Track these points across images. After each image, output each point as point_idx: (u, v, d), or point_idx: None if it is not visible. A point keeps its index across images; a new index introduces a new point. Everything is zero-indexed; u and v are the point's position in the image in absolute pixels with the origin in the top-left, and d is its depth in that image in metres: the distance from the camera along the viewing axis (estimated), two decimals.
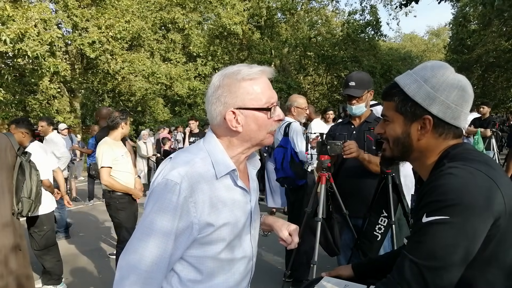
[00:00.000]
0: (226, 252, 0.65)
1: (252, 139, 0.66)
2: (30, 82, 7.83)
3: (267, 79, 0.66)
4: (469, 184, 0.54)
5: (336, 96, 15.07)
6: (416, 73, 0.63)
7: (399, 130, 0.65)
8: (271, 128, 0.67)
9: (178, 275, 0.65)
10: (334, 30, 13.78)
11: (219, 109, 0.64)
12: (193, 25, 12.12)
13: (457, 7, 13.37)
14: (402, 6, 5.93)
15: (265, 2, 12.34)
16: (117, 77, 9.79)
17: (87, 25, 8.50)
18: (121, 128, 2.18)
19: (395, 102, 0.64)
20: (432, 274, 0.54)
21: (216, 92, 0.65)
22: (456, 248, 0.53)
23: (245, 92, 0.63)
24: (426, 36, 28.43)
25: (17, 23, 5.99)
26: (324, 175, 1.53)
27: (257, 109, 0.64)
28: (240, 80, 0.64)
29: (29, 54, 6.08)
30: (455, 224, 0.53)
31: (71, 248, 3.07)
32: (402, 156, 0.67)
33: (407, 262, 0.57)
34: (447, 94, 0.60)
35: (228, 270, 0.67)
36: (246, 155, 0.69)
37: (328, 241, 1.50)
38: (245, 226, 0.69)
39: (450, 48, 15.19)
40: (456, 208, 0.53)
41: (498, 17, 10.44)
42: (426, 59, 24.17)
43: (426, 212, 0.55)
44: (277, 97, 0.67)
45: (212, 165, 0.64)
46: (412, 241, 0.58)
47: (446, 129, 0.62)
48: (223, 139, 0.67)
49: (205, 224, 0.61)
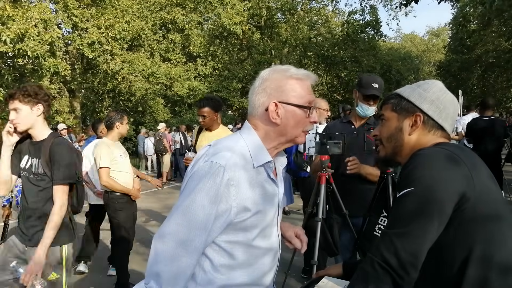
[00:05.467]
0: (257, 240, 0.68)
1: (288, 134, 0.70)
2: (30, 82, 7.82)
3: (310, 83, 0.72)
4: (432, 158, 0.61)
5: (336, 96, 15.08)
6: (411, 84, 0.75)
7: (392, 126, 0.73)
8: (306, 127, 0.71)
9: (211, 260, 0.66)
10: (334, 30, 13.80)
11: (263, 99, 0.69)
12: (193, 25, 12.13)
13: (457, 7, 13.38)
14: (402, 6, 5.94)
15: (265, 2, 12.36)
16: (117, 77, 9.79)
17: (87, 26, 8.51)
18: (117, 128, 2.18)
19: (391, 104, 0.74)
20: (400, 240, 0.59)
21: (263, 84, 0.70)
22: (419, 214, 0.58)
23: (290, 89, 0.69)
24: (426, 36, 28.46)
25: (17, 23, 5.99)
26: (324, 175, 1.53)
27: (298, 106, 0.69)
28: (288, 77, 0.69)
29: (29, 54, 6.08)
30: (417, 192, 0.59)
31: None
32: (394, 153, 0.73)
33: (381, 234, 0.64)
34: (437, 96, 0.70)
35: (258, 259, 0.69)
36: (278, 150, 0.73)
37: (327, 241, 1.50)
38: (274, 218, 0.72)
39: (450, 48, 15.21)
40: (419, 179, 0.60)
41: (498, 17, 10.45)
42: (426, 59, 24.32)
43: (398, 191, 0.64)
44: (315, 101, 0.73)
45: (250, 155, 0.67)
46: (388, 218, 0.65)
47: (434, 127, 0.70)
48: (260, 131, 0.70)
49: (242, 208, 0.64)
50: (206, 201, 0.61)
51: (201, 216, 0.61)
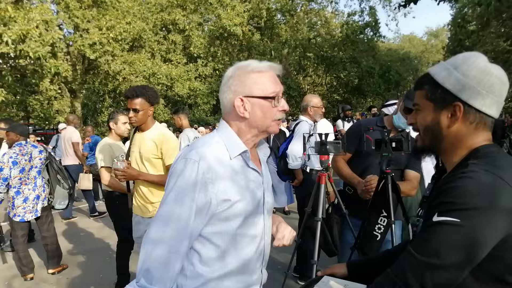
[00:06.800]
0: (242, 228, 0.69)
1: (259, 125, 0.72)
2: (31, 82, 7.84)
3: (274, 74, 0.73)
4: (486, 190, 0.53)
5: (336, 96, 15.08)
6: (447, 62, 0.63)
7: (429, 118, 0.63)
8: (275, 116, 0.72)
9: (198, 253, 0.68)
10: (333, 31, 13.79)
11: (230, 97, 0.71)
12: (194, 26, 12.15)
13: (456, 8, 13.41)
14: (401, 7, 5.95)
15: (265, 4, 12.37)
16: (118, 77, 9.80)
17: (88, 26, 8.52)
18: (112, 128, 2.22)
19: (425, 90, 0.63)
20: (431, 272, 0.54)
21: (228, 82, 0.72)
22: (460, 250, 0.53)
23: (253, 82, 0.70)
24: (424, 37, 28.50)
25: (18, 24, 6.00)
26: (323, 175, 1.54)
27: (263, 98, 0.70)
28: (250, 71, 0.71)
29: (30, 55, 6.10)
30: (464, 228, 0.52)
31: (71, 248, 3.07)
32: (432, 146, 0.65)
33: (408, 257, 0.57)
34: (477, 81, 0.58)
35: (244, 247, 0.71)
36: (254, 142, 0.75)
37: (326, 241, 1.51)
38: (259, 206, 0.73)
39: (449, 49, 15.20)
40: (468, 212, 0.52)
41: (496, 18, 10.48)
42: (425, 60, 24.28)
43: (438, 211, 0.55)
44: (282, 90, 0.73)
45: (225, 148, 0.70)
46: (419, 237, 0.58)
47: (477, 117, 0.60)
48: (233, 127, 0.73)
49: (222, 199, 0.66)
50: (185, 197, 0.63)
51: (183, 212, 0.63)
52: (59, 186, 2.43)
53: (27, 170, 2.35)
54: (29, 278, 2.45)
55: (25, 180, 2.35)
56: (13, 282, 2.47)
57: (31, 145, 2.42)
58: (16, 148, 2.33)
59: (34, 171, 2.39)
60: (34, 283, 2.44)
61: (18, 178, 2.32)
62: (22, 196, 2.34)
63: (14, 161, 2.29)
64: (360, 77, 12.83)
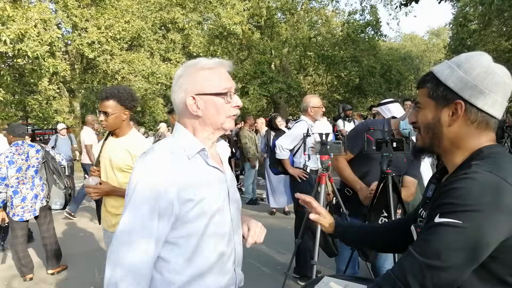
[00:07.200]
0: (209, 228, 0.68)
1: (213, 123, 0.71)
2: (30, 82, 7.83)
3: (225, 70, 0.72)
4: (488, 192, 0.52)
5: (336, 96, 15.06)
6: (451, 61, 0.62)
7: (430, 116, 0.62)
8: (229, 112, 0.72)
9: (166, 261, 0.67)
10: (334, 30, 13.77)
11: (181, 96, 0.70)
12: (193, 25, 12.12)
13: (457, 7, 13.37)
14: (402, 6, 5.93)
15: (265, 2, 12.33)
16: (116, 77, 9.78)
17: (86, 25, 8.50)
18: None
19: (428, 88, 0.62)
20: (431, 273, 0.54)
21: (178, 81, 0.71)
22: (461, 252, 0.52)
23: (204, 79, 0.69)
24: (426, 36, 28.41)
25: (17, 24, 5.98)
26: (324, 175, 1.53)
27: (215, 94, 0.69)
28: (199, 69, 0.70)
29: (29, 55, 6.08)
30: (466, 230, 0.52)
31: (71, 248, 3.07)
32: (432, 145, 0.64)
33: (410, 258, 0.56)
34: (480, 79, 0.57)
35: (213, 247, 0.69)
36: (211, 140, 0.74)
37: (326, 241, 1.50)
38: (224, 204, 0.72)
39: (450, 48, 15.18)
40: (470, 214, 0.52)
41: (498, 17, 10.44)
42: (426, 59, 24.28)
43: (439, 213, 0.55)
44: (234, 86, 0.73)
45: (182, 149, 0.69)
46: (420, 239, 0.58)
47: (479, 117, 0.59)
48: (188, 127, 0.72)
49: (184, 200, 0.65)
50: (146, 204, 0.62)
51: (146, 219, 0.62)
52: (55, 186, 2.42)
53: (24, 169, 2.36)
54: (28, 279, 2.45)
55: (23, 180, 2.35)
56: (13, 282, 2.47)
57: (28, 144, 2.43)
58: (13, 148, 2.34)
59: (31, 171, 2.39)
60: (33, 283, 2.43)
61: (15, 178, 2.32)
62: (20, 195, 2.34)
63: (11, 160, 2.29)
64: (361, 77, 12.80)
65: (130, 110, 1.42)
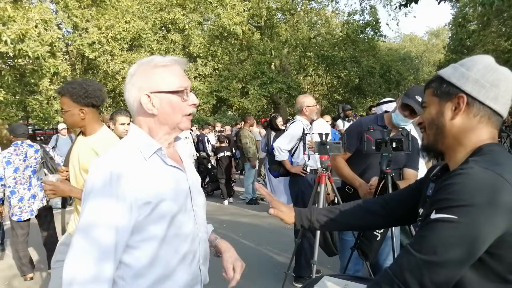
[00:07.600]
0: (171, 229, 0.66)
1: (169, 121, 0.69)
2: (30, 82, 7.84)
3: (180, 67, 0.71)
4: (483, 187, 0.52)
5: (336, 96, 15.07)
6: (456, 63, 0.65)
7: (433, 112, 0.64)
8: (186, 111, 0.70)
9: (129, 266, 0.65)
10: (334, 30, 13.79)
11: (135, 94, 0.68)
12: (193, 26, 12.13)
13: (457, 8, 13.40)
14: (402, 7, 5.94)
15: (265, 3, 12.35)
16: (117, 77, 9.80)
17: (87, 26, 8.52)
18: (111, 128, 2.24)
19: (432, 87, 0.65)
20: (429, 269, 0.54)
21: (131, 79, 0.69)
22: (457, 247, 0.53)
23: (159, 77, 0.67)
24: (425, 36, 28.43)
25: (17, 24, 6.00)
26: (323, 175, 1.54)
27: (170, 92, 0.67)
28: (154, 66, 0.68)
29: (29, 55, 6.09)
30: (462, 225, 0.52)
31: None
32: (436, 141, 0.64)
33: (407, 255, 0.57)
34: (481, 74, 0.60)
35: (176, 248, 0.67)
36: (168, 140, 0.72)
37: (326, 241, 1.51)
38: (186, 203, 0.70)
39: (450, 49, 15.20)
40: (465, 209, 0.52)
41: (497, 18, 10.46)
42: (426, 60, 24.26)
43: (435, 209, 0.55)
44: (190, 84, 0.71)
45: (138, 150, 0.67)
46: (417, 235, 0.58)
47: (481, 111, 0.60)
48: (144, 127, 0.70)
49: (142, 203, 0.63)
50: (103, 208, 0.60)
51: (104, 224, 0.60)
52: None
53: (21, 169, 2.36)
54: (29, 278, 2.45)
55: (20, 180, 2.36)
56: (13, 281, 2.47)
57: (28, 144, 2.43)
58: (11, 148, 2.35)
59: (29, 171, 2.40)
60: (34, 283, 2.43)
61: (12, 178, 2.33)
62: (18, 195, 2.35)
63: (8, 160, 2.30)
64: (360, 77, 12.82)
65: (91, 107, 1.26)
